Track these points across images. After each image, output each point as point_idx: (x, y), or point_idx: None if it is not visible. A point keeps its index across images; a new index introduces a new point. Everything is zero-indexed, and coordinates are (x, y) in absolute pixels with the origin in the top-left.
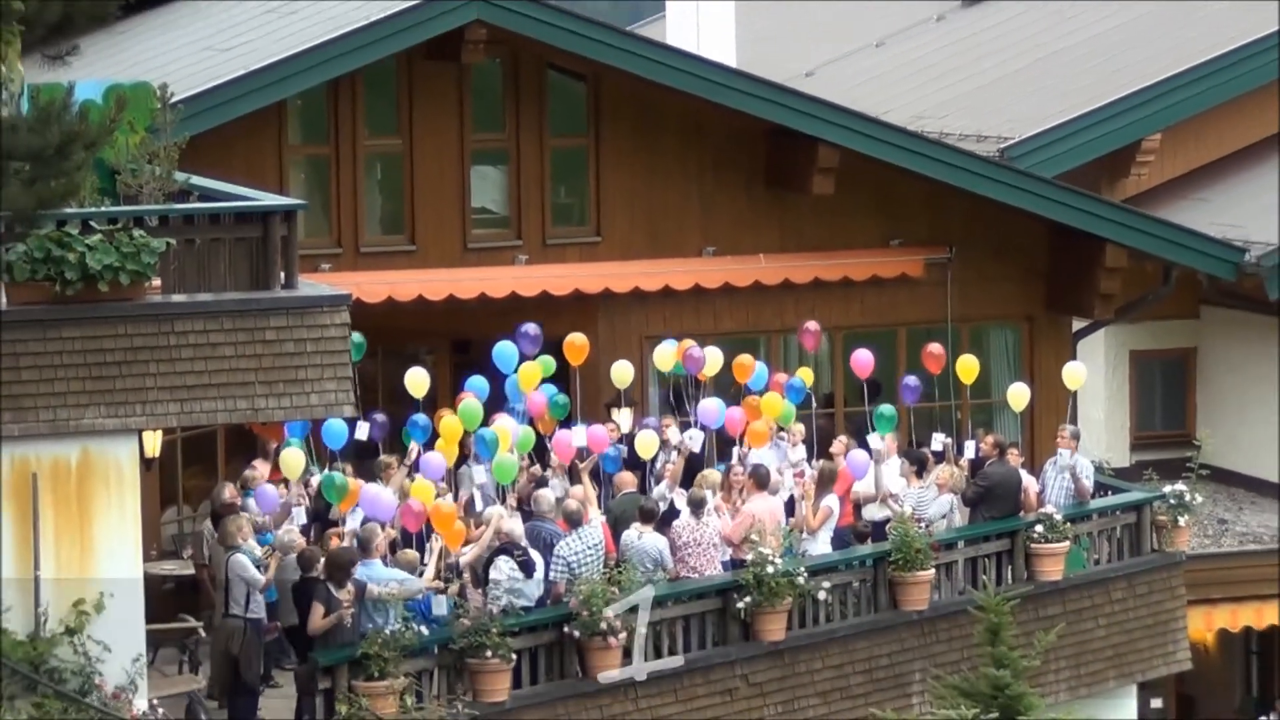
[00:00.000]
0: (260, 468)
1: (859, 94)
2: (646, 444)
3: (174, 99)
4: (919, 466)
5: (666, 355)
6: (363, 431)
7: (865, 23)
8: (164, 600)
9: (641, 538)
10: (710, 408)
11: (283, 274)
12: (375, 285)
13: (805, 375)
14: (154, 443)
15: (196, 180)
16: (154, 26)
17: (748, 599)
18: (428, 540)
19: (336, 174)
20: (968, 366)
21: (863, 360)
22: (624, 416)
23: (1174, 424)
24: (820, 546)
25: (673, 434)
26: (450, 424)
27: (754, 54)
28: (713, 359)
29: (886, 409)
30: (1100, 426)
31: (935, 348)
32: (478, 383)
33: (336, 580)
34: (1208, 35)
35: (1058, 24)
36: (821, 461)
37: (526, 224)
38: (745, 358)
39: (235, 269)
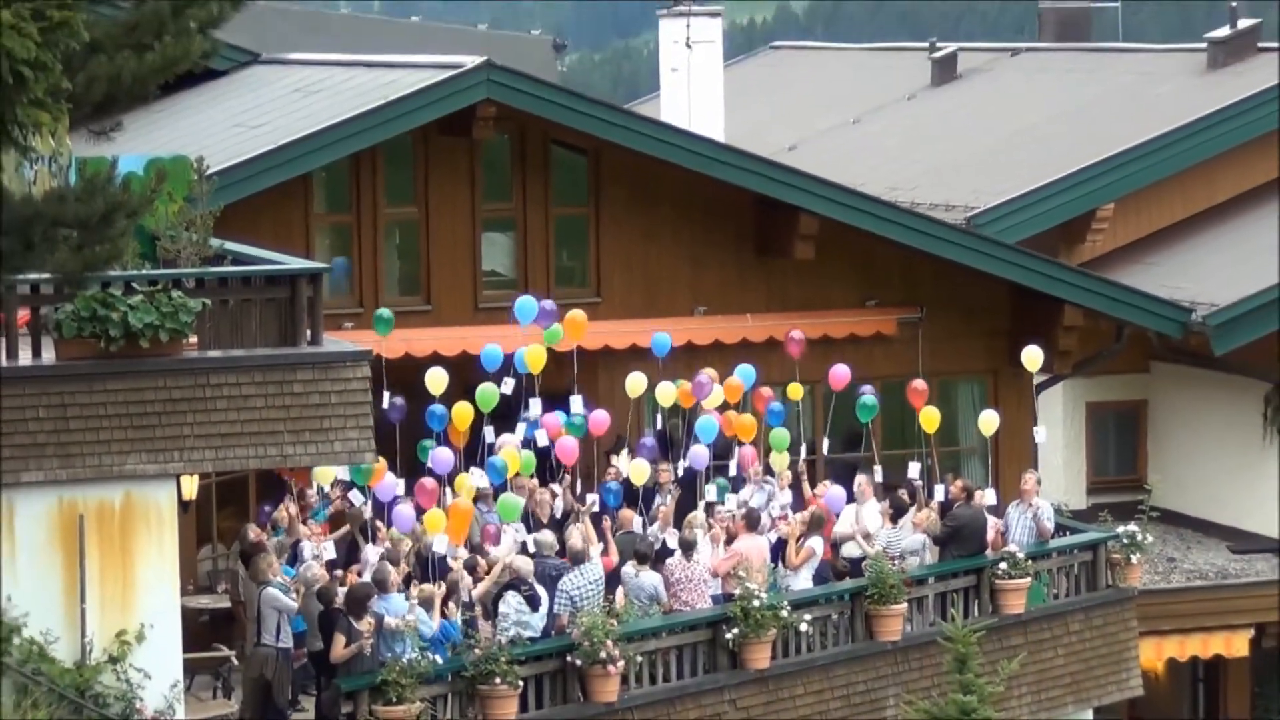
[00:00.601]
0: (285, 510)
1: (837, 167)
2: (639, 470)
3: (209, 171)
4: (896, 511)
5: (668, 393)
6: None
7: (843, 101)
8: (199, 631)
9: (639, 574)
10: (700, 453)
11: (309, 331)
12: (394, 342)
13: (794, 391)
14: (191, 486)
15: (230, 245)
16: (190, 105)
17: (735, 630)
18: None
19: (358, 240)
20: (930, 417)
21: (839, 374)
22: (623, 460)
23: (1126, 470)
24: (802, 582)
25: (666, 477)
26: (462, 411)
27: (741, 130)
28: (714, 396)
29: (868, 399)
30: (1059, 472)
31: (919, 384)
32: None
33: (355, 613)
34: (1154, 115)
35: (1019, 103)
36: (812, 508)
37: (533, 286)
38: (734, 380)
39: (265, 327)
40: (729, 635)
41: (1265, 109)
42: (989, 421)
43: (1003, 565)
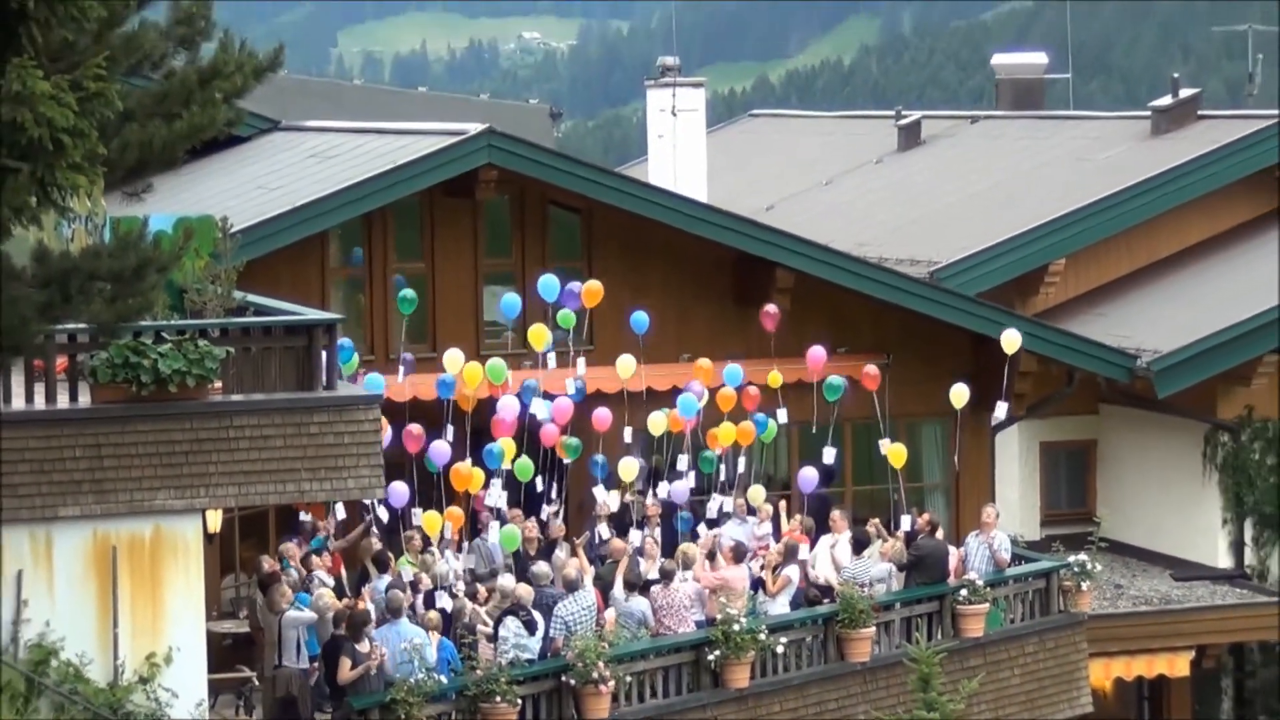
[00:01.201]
0: (293, 548)
1: (811, 225)
2: (627, 467)
3: (232, 230)
4: (858, 543)
5: (658, 422)
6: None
7: (816, 165)
8: (223, 653)
9: (628, 601)
10: (681, 488)
11: (324, 377)
12: (402, 387)
13: (774, 379)
14: (215, 520)
15: (251, 298)
16: (215, 169)
17: (717, 652)
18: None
19: (370, 292)
20: (896, 452)
21: (815, 356)
22: (612, 497)
23: (1077, 504)
24: (779, 607)
25: (652, 511)
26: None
27: (722, 191)
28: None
29: (835, 379)
30: (1015, 506)
31: (871, 368)
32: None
33: (354, 637)
34: (1102, 178)
35: (978, 167)
36: (786, 538)
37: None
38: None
39: (284, 373)
40: (711, 657)
41: (1204, 172)
42: (897, 453)
43: (963, 592)
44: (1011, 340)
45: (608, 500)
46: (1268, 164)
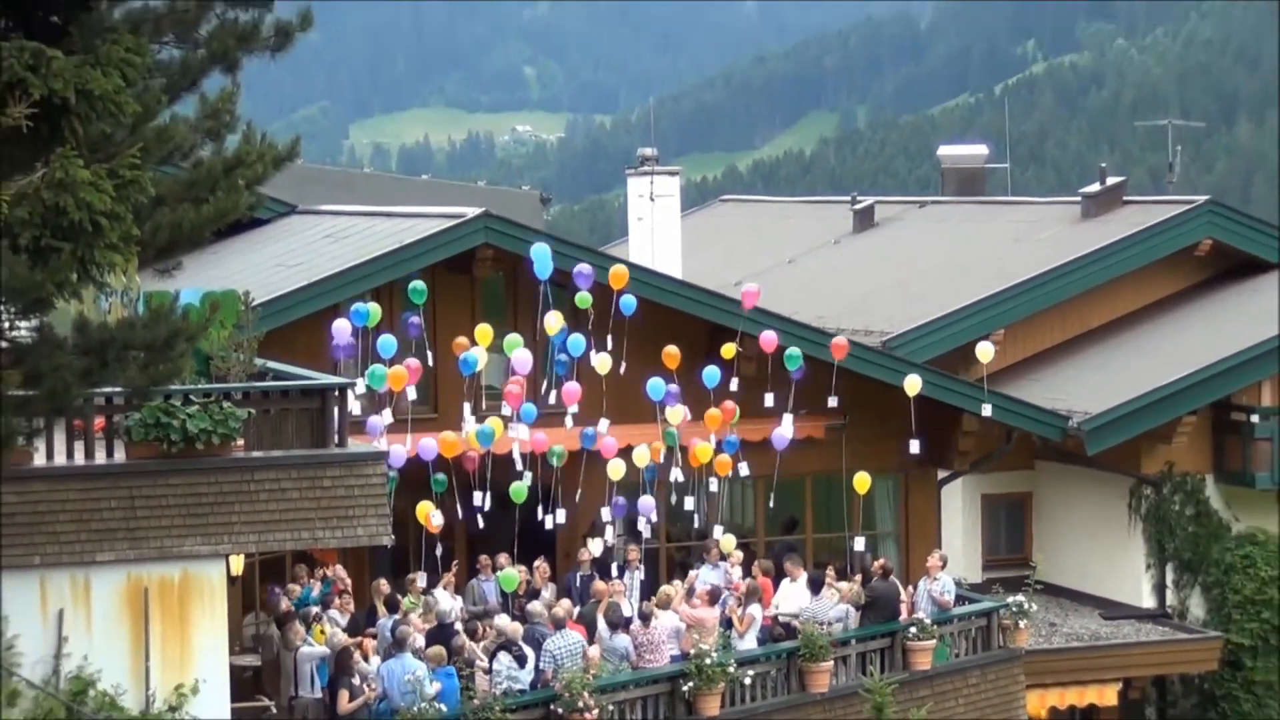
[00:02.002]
0: (293, 588)
1: (775, 299)
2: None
3: (254, 303)
4: (814, 586)
5: (643, 455)
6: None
7: (780, 244)
8: (244, 685)
9: (612, 637)
10: (648, 502)
11: (336, 436)
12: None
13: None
14: (238, 564)
15: (271, 364)
16: (239, 248)
17: (691, 683)
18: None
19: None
20: (861, 481)
21: (751, 292)
22: (596, 545)
23: (1015, 550)
24: (747, 643)
25: (634, 556)
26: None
27: (695, 268)
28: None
29: (795, 350)
30: (959, 552)
31: (840, 340)
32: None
33: (344, 671)
34: (1037, 256)
35: (926, 247)
36: (749, 580)
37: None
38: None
39: (300, 431)
40: (685, 688)
41: (1129, 251)
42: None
43: (913, 629)
44: (912, 384)
45: (591, 548)
46: (1187, 244)
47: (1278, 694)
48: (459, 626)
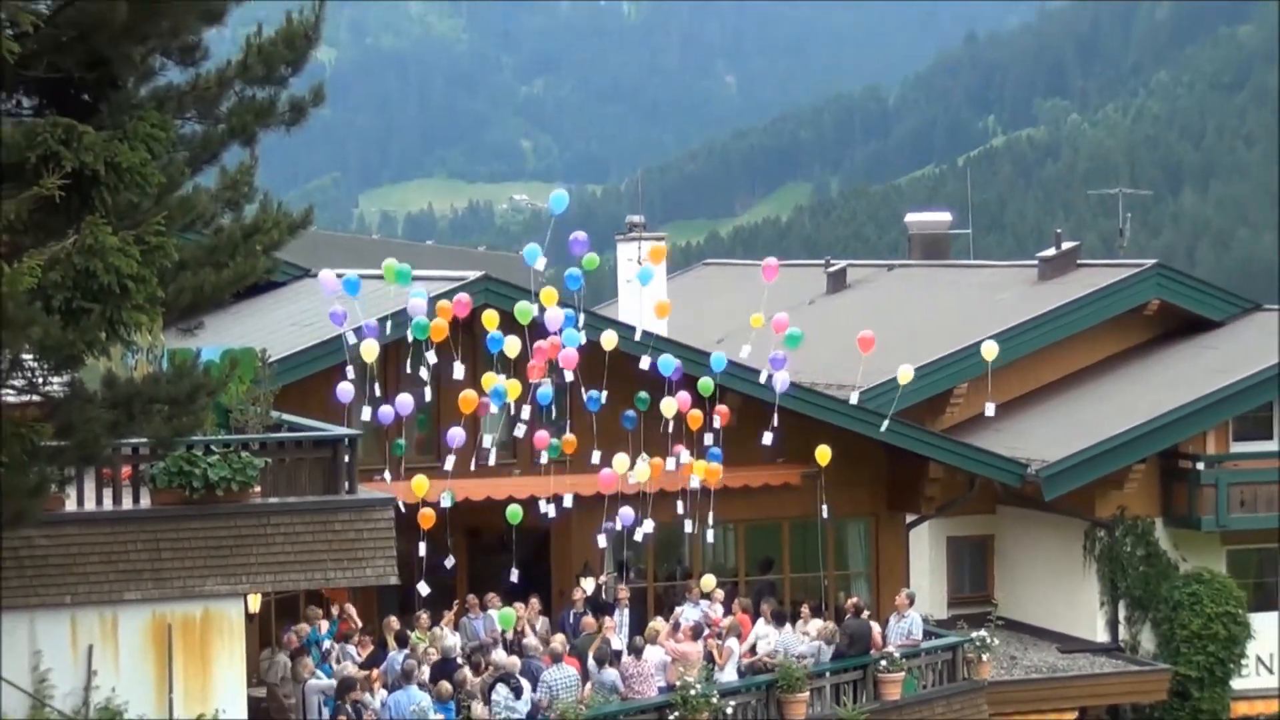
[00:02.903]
0: (303, 627)
1: (755, 355)
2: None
3: (270, 360)
4: (779, 621)
5: (641, 471)
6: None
7: (758, 305)
8: (261, 715)
9: (602, 671)
10: (629, 516)
11: (347, 483)
12: (413, 492)
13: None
14: (255, 602)
15: (286, 417)
16: (256, 309)
17: (676, 714)
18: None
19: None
20: (822, 452)
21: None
22: (589, 584)
23: (978, 588)
24: (728, 675)
25: (623, 595)
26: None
27: (680, 327)
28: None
29: (796, 330)
30: (926, 590)
31: (867, 333)
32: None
33: (339, 697)
34: (997, 316)
35: (894, 307)
36: (729, 618)
37: (519, 447)
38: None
39: (313, 479)
40: (671, 718)
41: (1083, 311)
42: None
43: (883, 662)
44: (905, 374)
45: (584, 586)
46: (1137, 304)
47: None
48: (460, 661)
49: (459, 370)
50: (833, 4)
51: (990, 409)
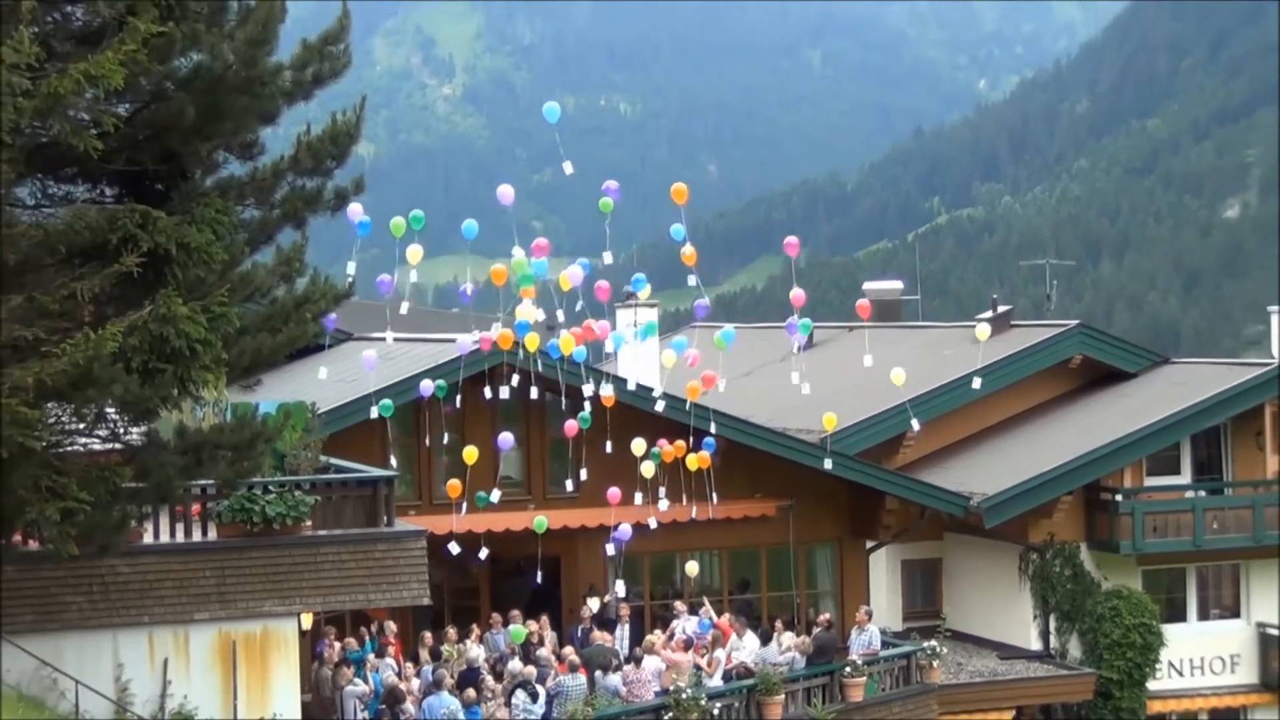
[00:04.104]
0: (336, 646)
1: (736, 405)
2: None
3: (319, 412)
4: (763, 638)
5: (648, 467)
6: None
7: (739, 361)
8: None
9: (606, 677)
10: (626, 532)
11: (385, 517)
12: (441, 524)
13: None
14: (307, 621)
15: (333, 461)
16: (306, 368)
17: (670, 714)
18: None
19: (419, 455)
20: (829, 418)
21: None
22: (594, 603)
23: (929, 604)
24: (715, 681)
25: (625, 612)
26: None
27: (672, 382)
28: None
29: (806, 321)
30: (884, 606)
31: (863, 302)
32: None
33: (389, 703)
34: (943, 370)
35: (854, 363)
36: (714, 630)
37: (534, 485)
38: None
39: (356, 514)
40: (666, 718)
41: (1016, 365)
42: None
43: (848, 669)
44: (898, 373)
45: (590, 605)
46: (1062, 359)
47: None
48: (484, 670)
49: (505, 392)
50: (800, 103)
51: (984, 330)
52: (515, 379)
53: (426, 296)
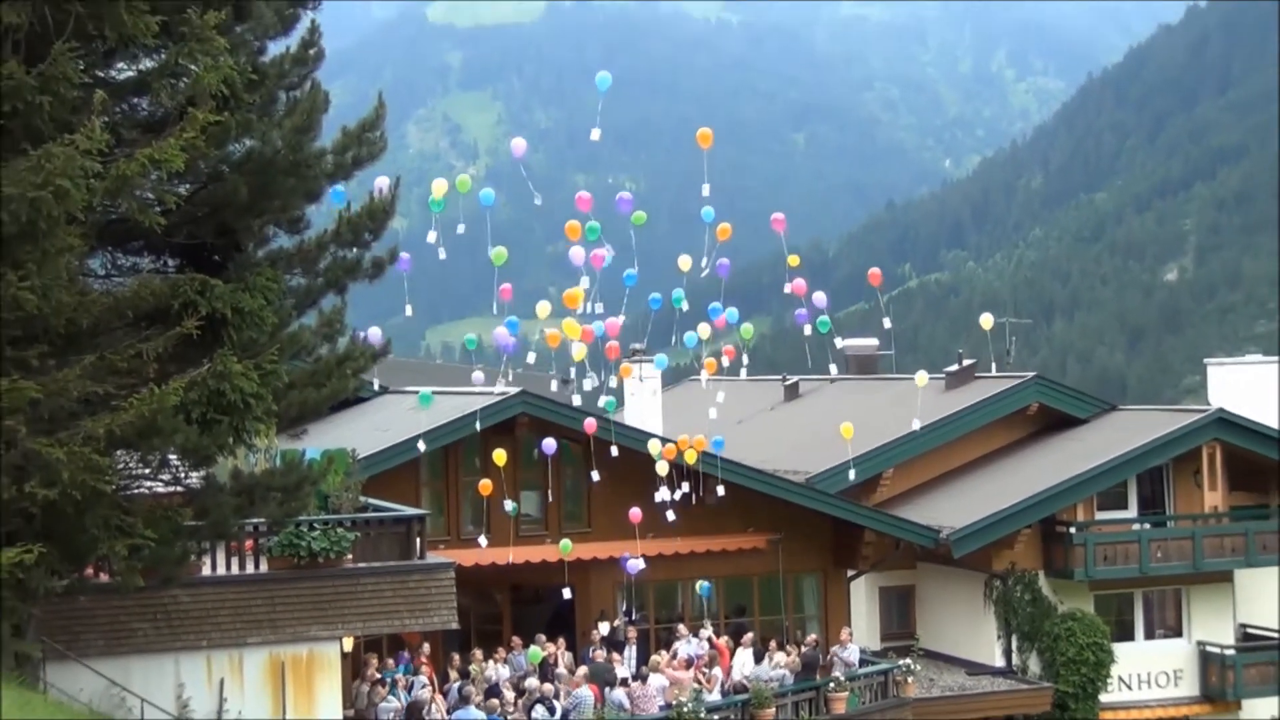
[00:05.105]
0: (371, 666)
1: (731, 450)
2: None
3: (358, 457)
4: (757, 656)
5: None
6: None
7: (733, 410)
8: None
9: (612, 692)
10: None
11: (418, 551)
12: (468, 557)
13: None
14: (349, 644)
15: (371, 501)
16: (346, 419)
17: None
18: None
19: (447, 496)
20: (847, 427)
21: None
22: (604, 626)
23: (904, 626)
24: (714, 696)
25: (632, 634)
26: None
27: (672, 429)
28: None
29: (825, 319)
30: (863, 628)
31: (875, 270)
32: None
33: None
34: (913, 417)
35: (835, 411)
36: (711, 650)
37: (550, 522)
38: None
39: (392, 548)
40: None
41: (979, 412)
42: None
43: (832, 684)
44: (921, 377)
45: (601, 629)
46: (1021, 406)
47: None
48: (505, 687)
49: (550, 445)
50: (786, 180)
51: (987, 319)
52: (551, 440)
53: (454, 353)
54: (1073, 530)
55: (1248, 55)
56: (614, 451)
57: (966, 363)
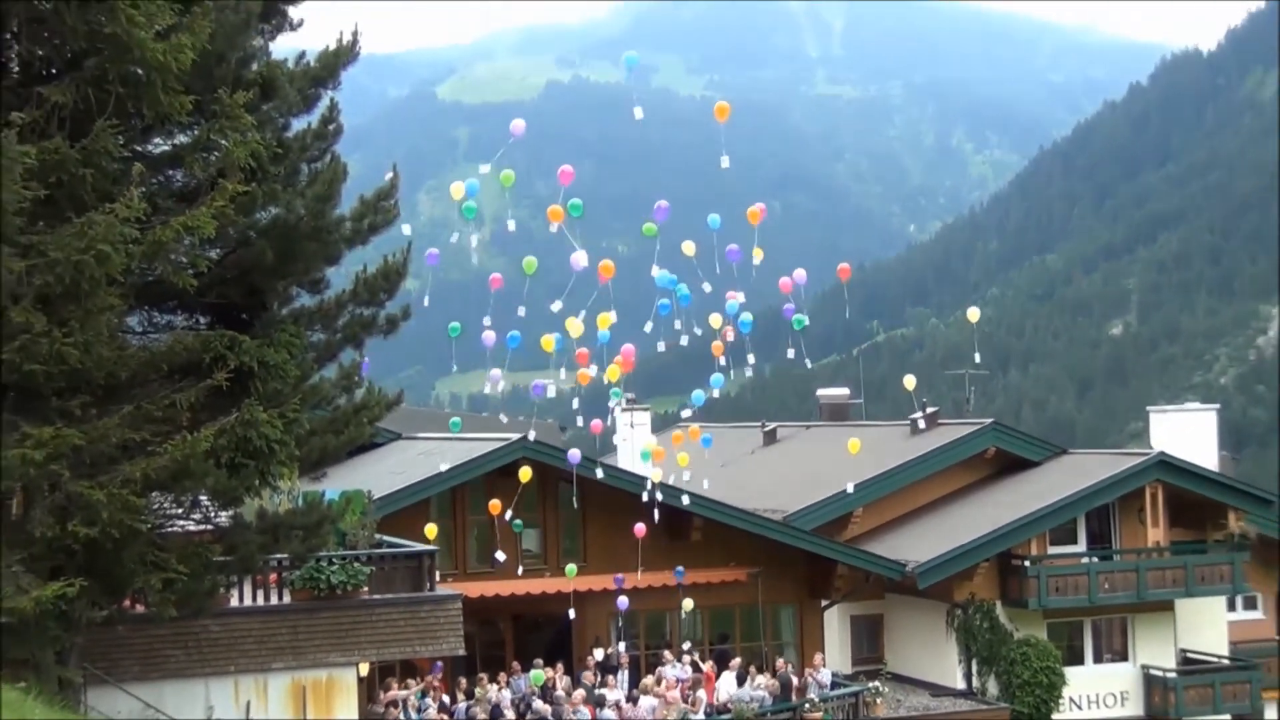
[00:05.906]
0: (398, 688)
1: (714, 490)
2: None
3: (374, 498)
4: (739, 679)
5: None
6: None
7: (717, 455)
8: None
9: (603, 711)
10: (624, 603)
11: (429, 584)
12: (474, 589)
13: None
14: (365, 668)
15: (385, 538)
16: (362, 463)
17: None
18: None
19: (455, 533)
20: (854, 443)
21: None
22: (599, 652)
23: (873, 651)
24: (698, 716)
25: (625, 660)
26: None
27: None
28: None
29: (801, 317)
30: (836, 654)
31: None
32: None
33: None
34: (882, 460)
35: (811, 456)
36: (695, 674)
37: (549, 556)
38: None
39: (404, 581)
40: None
41: (942, 456)
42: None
43: (807, 705)
44: (973, 313)
45: (595, 654)
46: (979, 450)
47: None
48: (507, 709)
49: (575, 456)
50: (763, 244)
51: (974, 312)
52: (572, 483)
53: (462, 403)
54: (1027, 563)
55: (1185, 130)
56: (599, 474)
57: (930, 410)
